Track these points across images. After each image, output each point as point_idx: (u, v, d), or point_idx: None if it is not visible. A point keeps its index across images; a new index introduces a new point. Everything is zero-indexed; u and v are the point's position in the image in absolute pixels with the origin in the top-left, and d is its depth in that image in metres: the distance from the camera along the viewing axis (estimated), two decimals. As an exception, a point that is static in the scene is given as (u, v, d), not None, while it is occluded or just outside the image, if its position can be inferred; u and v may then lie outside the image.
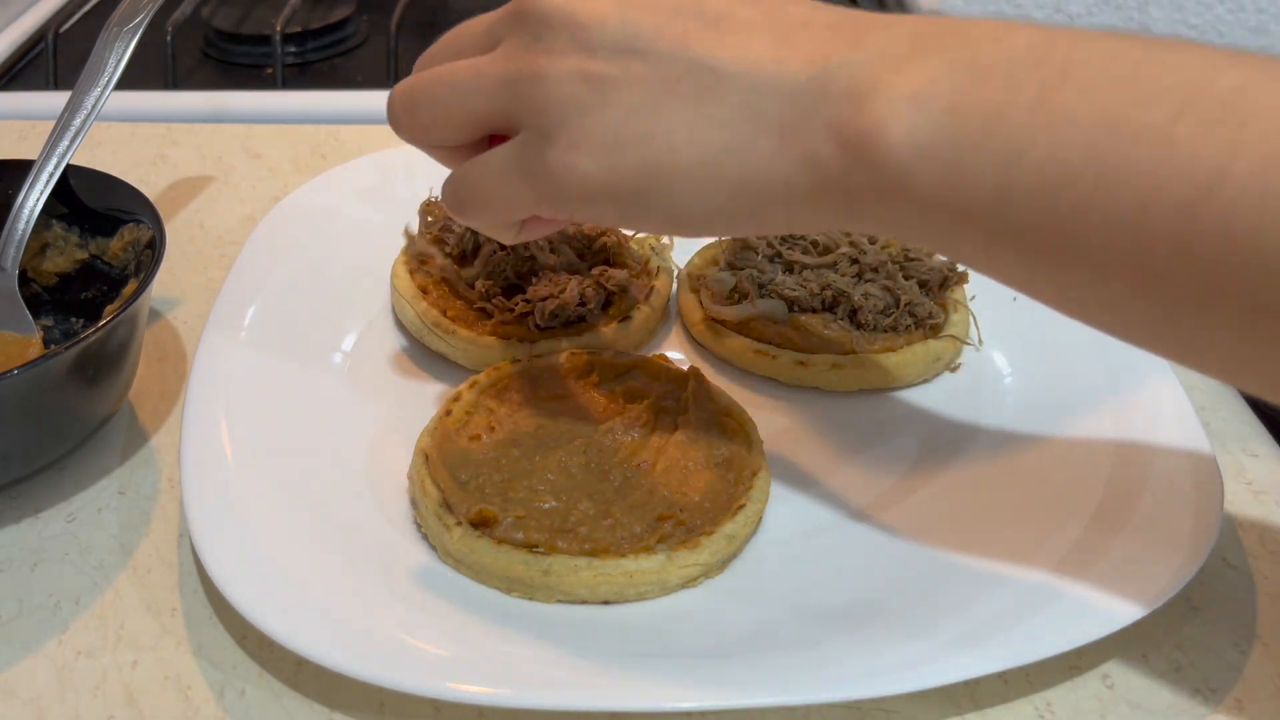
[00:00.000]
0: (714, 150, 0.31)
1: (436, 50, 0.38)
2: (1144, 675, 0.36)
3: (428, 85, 0.36)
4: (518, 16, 0.34)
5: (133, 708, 0.35)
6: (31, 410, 0.40)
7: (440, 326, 0.49)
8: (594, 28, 0.32)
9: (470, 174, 0.36)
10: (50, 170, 0.48)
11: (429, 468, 0.41)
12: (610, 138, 0.32)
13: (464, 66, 0.35)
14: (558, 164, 0.33)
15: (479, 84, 0.34)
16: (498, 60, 0.34)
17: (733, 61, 0.31)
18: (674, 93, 0.32)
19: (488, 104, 0.34)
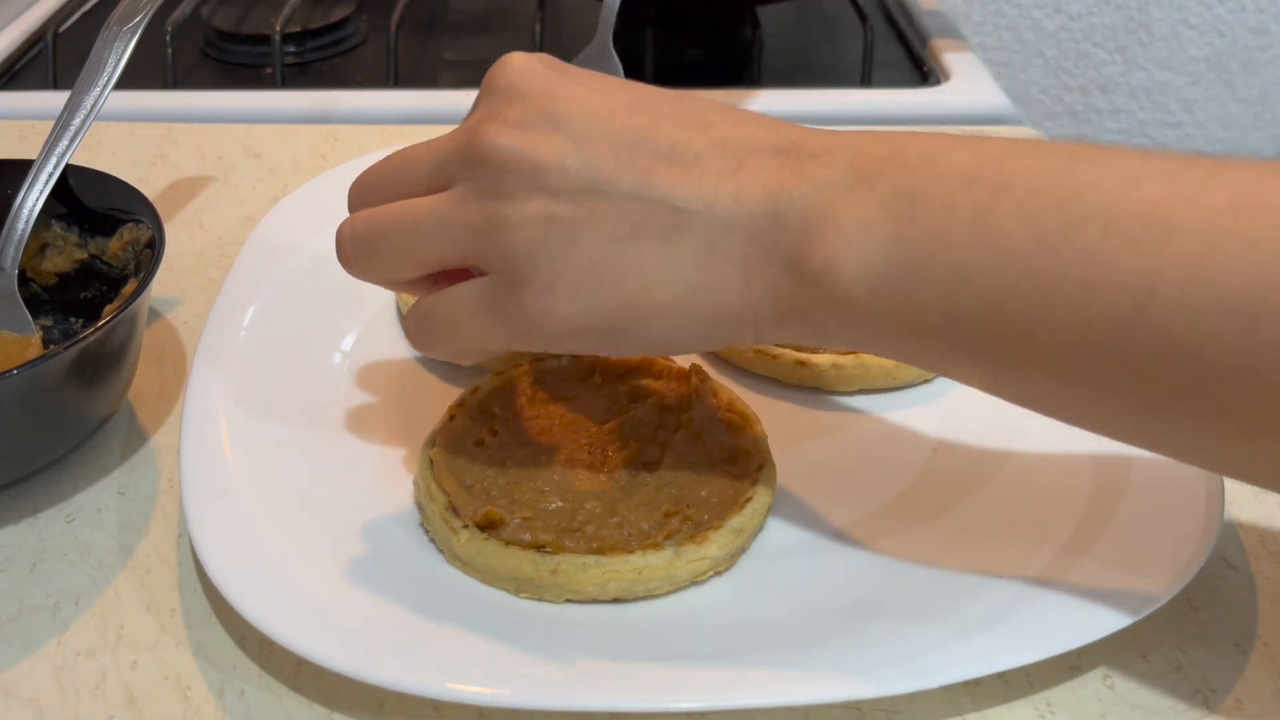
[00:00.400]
0: (686, 288, 0.33)
1: (377, 179, 0.37)
2: (1144, 675, 0.36)
3: (384, 228, 0.35)
4: (472, 160, 0.34)
5: (132, 708, 0.35)
6: (31, 410, 0.40)
7: None
8: (554, 170, 0.32)
9: (438, 311, 0.36)
10: (49, 170, 0.48)
11: (434, 472, 0.41)
12: (584, 280, 0.33)
13: (422, 209, 0.35)
14: (533, 307, 0.33)
15: (442, 230, 0.34)
16: (458, 205, 0.34)
17: (693, 199, 0.32)
18: (641, 233, 0.32)
19: (452, 248, 0.34)
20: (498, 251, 0.33)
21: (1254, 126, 1.31)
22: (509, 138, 0.33)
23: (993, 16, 1.27)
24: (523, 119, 0.33)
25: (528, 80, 0.34)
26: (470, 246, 0.34)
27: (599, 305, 0.33)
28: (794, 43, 0.88)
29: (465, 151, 0.34)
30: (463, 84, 0.80)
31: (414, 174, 0.36)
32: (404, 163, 0.36)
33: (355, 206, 0.38)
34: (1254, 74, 1.28)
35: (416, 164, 0.36)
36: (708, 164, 0.33)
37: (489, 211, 0.33)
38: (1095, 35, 1.27)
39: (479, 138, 0.33)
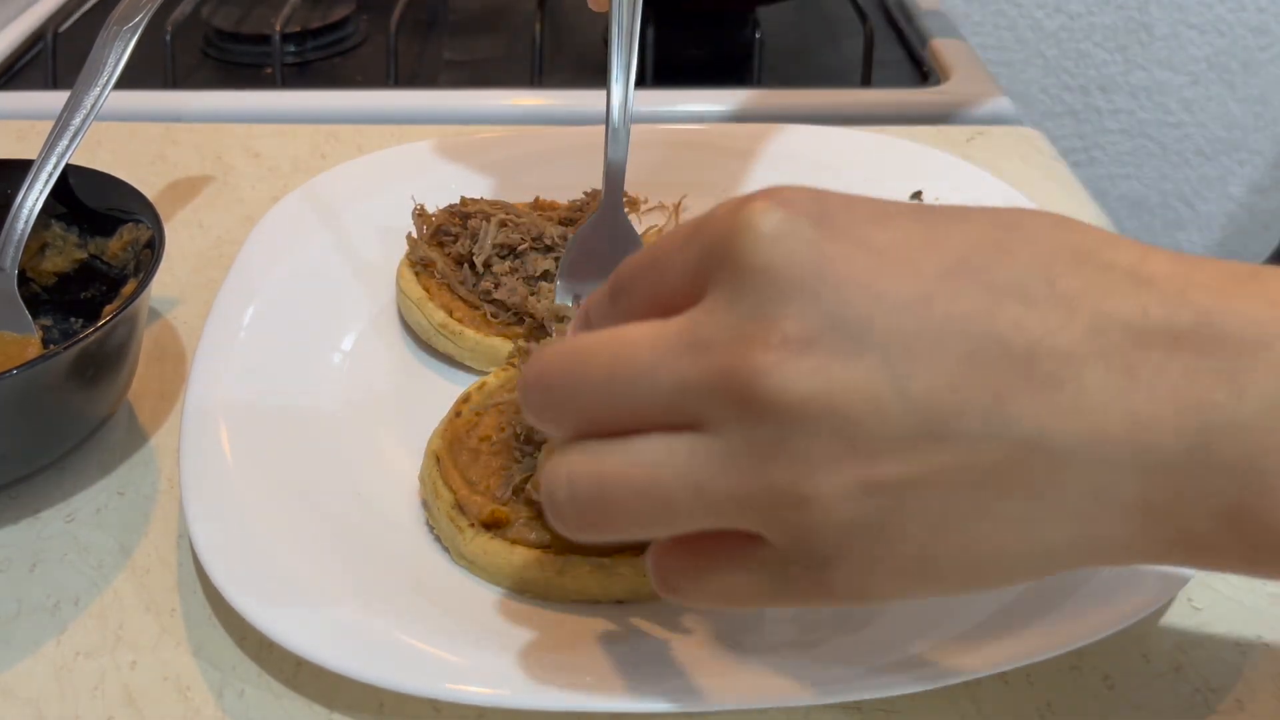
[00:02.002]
0: (1055, 548, 0.25)
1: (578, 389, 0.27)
2: (1145, 675, 0.36)
3: (620, 495, 0.26)
4: (742, 404, 0.24)
5: (132, 708, 0.35)
6: (30, 410, 0.40)
7: (447, 329, 0.49)
8: (869, 420, 0.23)
9: (703, 586, 0.27)
10: (49, 170, 0.48)
11: (440, 470, 0.41)
12: (915, 557, 0.25)
13: (675, 473, 0.25)
14: (843, 590, 0.25)
15: (704, 503, 0.25)
16: (724, 469, 0.25)
17: (1073, 435, 0.23)
18: (997, 488, 0.24)
19: (717, 521, 0.26)
20: (792, 533, 0.25)
21: (1255, 126, 1.31)
22: (796, 375, 0.23)
23: (993, 16, 1.27)
24: (807, 338, 0.24)
25: (794, 264, 0.24)
26: (744, 523, 0.25)
27: (933, 581, 0.25)
28: (794, 42, 0.88)
29: (730, 390, 0.24)
30: (463, 84, 0.80)
31: (638, 395, 0.26)
32: (620, 373, 0.26)
33: (544, 412, 0.28)
34: (1255, 73, 1.28)
35: (642, 381, 0.26)
36: (1085, 372, 0.23)
37: (775, 486, 0.24)
38: (1095, 35, 1.27)
39: (749, 374, 0.24)
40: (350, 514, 0.41)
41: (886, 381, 0.23)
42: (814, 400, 0.23)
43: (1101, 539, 0.24)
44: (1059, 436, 0.23)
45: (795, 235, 0.25)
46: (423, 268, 0.51)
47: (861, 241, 0.25)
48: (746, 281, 0.24)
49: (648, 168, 0.58)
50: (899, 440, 0.24)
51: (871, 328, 0.24)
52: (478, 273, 0.50)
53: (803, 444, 0.24)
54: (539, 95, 0.75)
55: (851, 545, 0.24)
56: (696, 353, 0.25)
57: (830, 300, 0.24)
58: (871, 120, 0.71)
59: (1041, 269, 0.24)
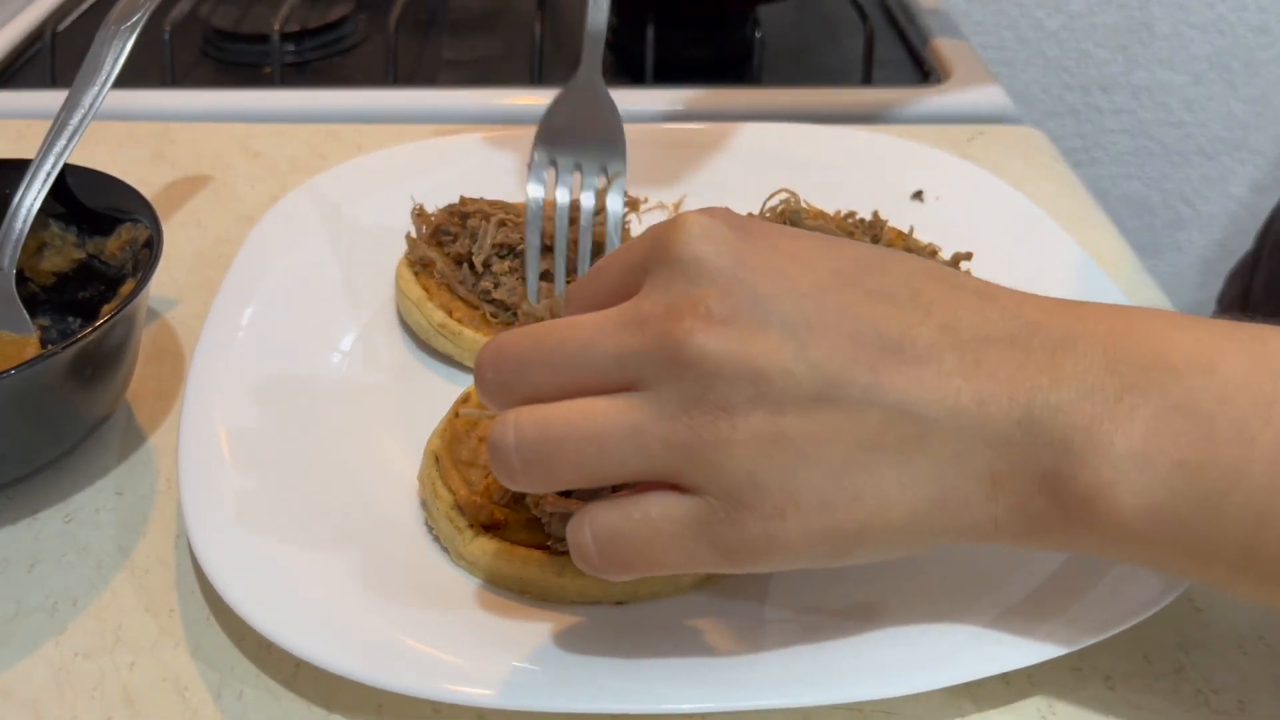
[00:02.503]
0: (925, 505, 0.29)
1: (529, 360, 0.31)
2: (1146, 676, 0.36)
3: (561, 439, 0.29)
4: (672, 362, 0.29)
5: (130, 709, 0.35)
6: (28, 410, 0.40)
7: (447, 328, 0.49)
8: (777, 378, 0.28)
9: (630, 533, 0.30)
10: (48, 169, 0.48)
11: (440, 470, 0.41)
12: (816, 500, 0.29)
13: (609, 418, 0.29)
14: (757, 534, 0.29)
15: (637, 446, 0.29)
16: (656, 417, 0.29)
17: (932, 405, 0.28)
18: (879, 446, 0.29)
19: (648, 466, 0.29)
20: (711, 473, 0.29)
21: (1256, 125, 1.31)
22: (718, 338, 0.28)
23: (994, 15, 1.27)
24: (727, 311, 0.29)
25: (718, 255, 0.29)
26: (673, 465, 0.29)
27: (831, 529, 0.29)
28: (794, 41, 0.88)
29: (662, 351, 0.29)
30: (462, 83, 0.80)
31: (583, 364, 0.30)
32: (567, 347, 0.30)
33: (496, 389, 0.31)
34: (1256, 73, 1.28)
35: (586, 352, 0.30)
36: (942, 359, 0.29)
37: (699, 428, 0.28)
38: (1096, 34, 1.27)
39: (679, 337, 0.28)
40: (349, 514, 0.41)
41: (792, 349, 0.28)
42: (732, 358, 0.28)
43: (960, 501, 0.29)
44: (922, 406, 0.29)
45: (719, 235, 0.30)
46: (422, 267, 0.51)
47: (772, 245, 0.31)
48: (677, 269, 0.29)
49: (648, 167, 0.58)
50: (801, 398, 0.28)
51: (779, 308, 0.29)
52: (477, 272, 0.50)
53: (722, 394, 0.28)
54: (539, 95, 0.74)
55: (762, 489, 0.28)
56: (634, 326, 0.29)
57: (747, 284, 0.29)
58: (872, 119, 0.71)
59: (907, 283, 0.30)
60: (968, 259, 0.51)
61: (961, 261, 0.51)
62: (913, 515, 0.29)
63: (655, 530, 0.30)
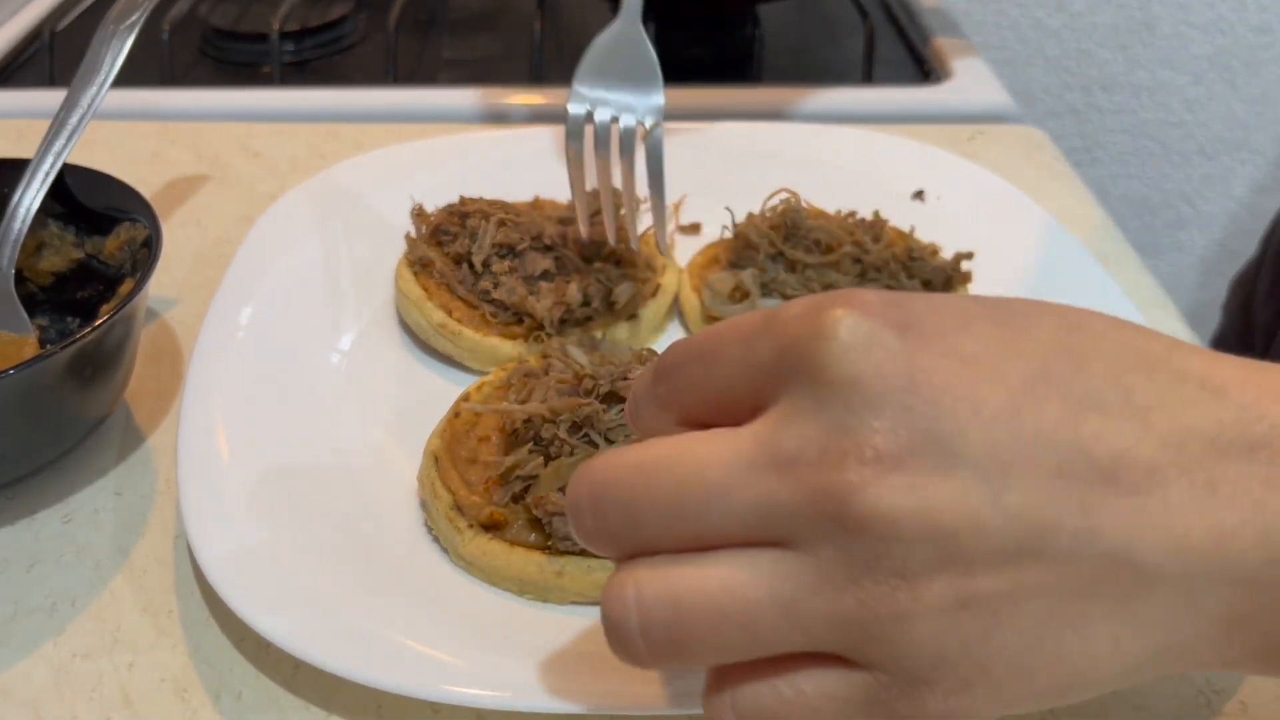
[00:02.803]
0: (1143, 658, 0.25)
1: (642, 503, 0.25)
2: (1147, 677, 0.36)
3: (697, 619, 0.25)
4: (834, 522, 0.23)
5: (129, 709, 0.35)
6: (27, 411, 0.40)
7: (446, 328, 0.49)
8: (966, 536, 0.23)
9: (786, 715, 0.25)
10: (46, 169, 0.47)
11: (439, 470, 0.41)
12: (1009, 669, 0.24)
13: (755, 593, 0.24)
14: (938, 712, 0.24)
15: (793, 622, 0.24)
16: (815, 588, 0.24)
17: (1159, 548, 0.23)
18: (1089, 599, 0.24)
19: (806, 642, 0.25)
20: (886, 650, 0.24)
21: (1256, 125, 1.31)
22: (892, 492, 0.23)
23: (994, 14, 1.26)
24: (900, 452, 0.23)
25: (885, 371, 0.24)
26: (838, 643, 0.24)
27: (1026, 695, 0.25)
28: (795, 40, 0.88)
29: (820, 508, 0.24)
30: (462, 82, 0.80)
31: (713, 515, 0.25)
32: (691, 492, 0.25)
33: (599, 538, 0.27)
34: (1256, 72, 1.27)
35: (716, 501, 0.25)
36: (1168, 487, 0.24)
37: (874, 602, 0.24)
38: (1097, 33, 1.27)
39: (843, 492, 0.23)
40: (349, 515, 0.41)
41: (983, 496, 0.23)
42: (912, 515, 0.23)
43: (1188, 648, 0.25)
44: (1147, 551, 0.24)
45: (882, 345, 0.24)
46: (421, 267, 0.51)
47: (949, 351, 0.24)
48: (831, 393, 0.24)
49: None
50: (996, 554, 0.23)
51: (965, 442, 0.23)
52: (476, 272, 0.50)
53: (899, 559, 0.23)
54: (539, 94, 0.74)
55: (948, 661, 0.24)
56: (781, 470, 0.24)
57: (923, 413, 0.24)
58: (873, 119, 0.71)
59: (1115, 379, 0.25)
60: (968, 259, 0.51)
61: (962, 261, 0.51)
62: (1126, 669, 0.25)
63: (812, 712, 0.25)
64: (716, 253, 0.54)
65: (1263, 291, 0.77)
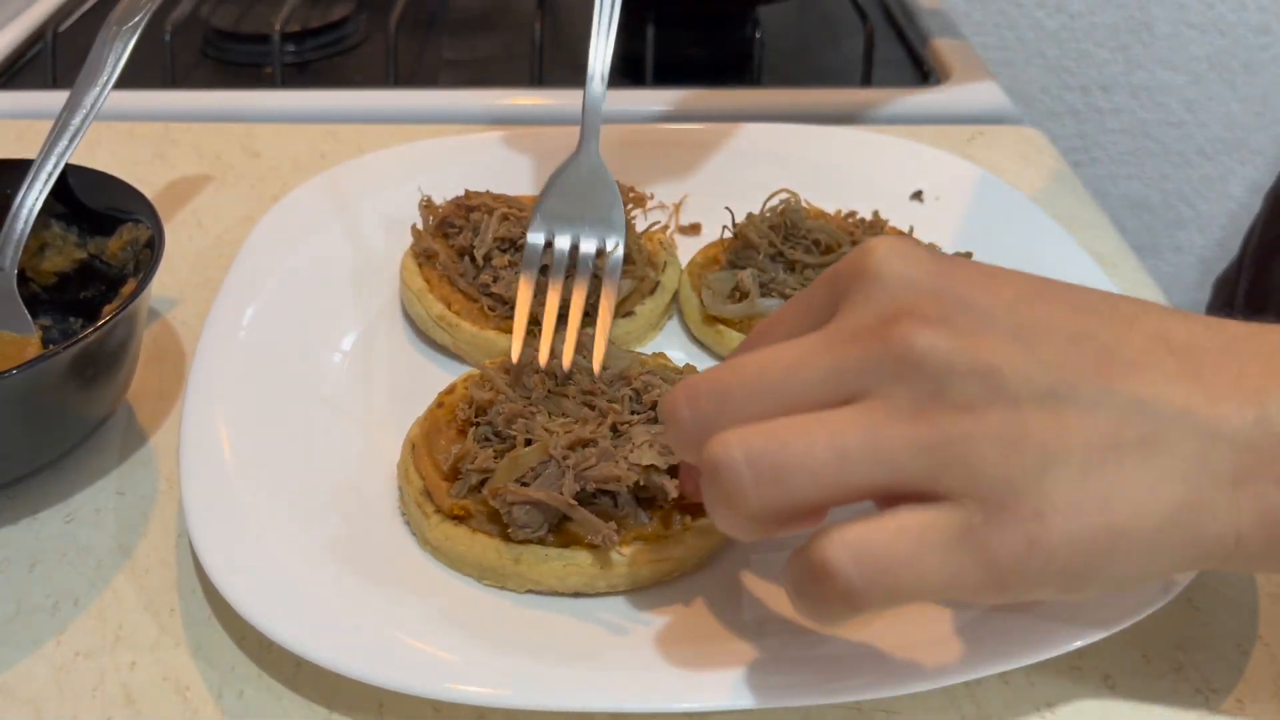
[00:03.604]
0: (1174, 509, 0.28)
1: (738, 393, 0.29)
2: (1145, 676, 0.36)
3: (798, 451, 0.28)
4: (900, 365, 0.28)
5: (131, 708, 0.35)
6: (30, 410, 0.40)
7: (445, 320, 0.49)
8: (1009, 373, 0.27)
9: (893, 550, 0.28)
10: (49, 169, 0.48)
11: (414, 457, 0.41)
12: (1070, 503, 0.27)
13: (845, 427, 0.28)
14: (1021, 540, 0.27)
15: (879, 451, 0.28)
16: (893, 421, 0.28)
17: (1164, 403, 0.28)
18: (1119, 445, 0.27)
19: (892, 474, 0.28)
20: (964, 472, 0.27)
21: (1256, 126, 1.31)
22: (944, 338, 0.28)
23: (993, 15, 1.27)
24: (941, 315, 0.28)
25: (917, 268, 0.29)
26: (921, 470, 0.28)
27: (1088, 534, 0.27)
28: (794, 42, 0.88)
29: (886, 355, 0.28)
30: (462, 83, 0.80)
31: (794, 386, 0.29)
32: (772, 372, 0.29)
33: (694, 427, 0.30)
34: (1256, 73, 1.28)
35: (796, 373, 0.29)
36: (1162, 364, 0.28)
37: (944, 425, 0.27)
38: (1096, 34, 1.27)
39: (904, 337, 0.28)
40: (351, 515, 0.41)
41: (1017, 348, 0.28)
42: (962, 354, 0.28)
43: (1205, 506, 0.28)
44: (1155, 403, 0.28)
45: (914, 254, 0.30)
46: (426, 259, 0.52)
47: (967, 266, 0.30)
48: (877, 285, 0.29)
49: (648, 167, 0.58)
50: (1036, 395, 0.27)
51: (995, 313, 0.29)
52: (478, 265, 0.50)
53: (959, 390, 0.27)
54: (539, 95, 0.75)
55: (1019, 490, 0.27)
56: (848, 340, 0.29)
57: (956, 294, 0.29)
58: (872, 120, 0.71)
59: (1102, 298, 0.30)
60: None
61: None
62: (1162, 520, 0.28)
63: (918, 542, 0.27)
64: (716, 253, 0.54)
65: (1243, 291, 0.78)
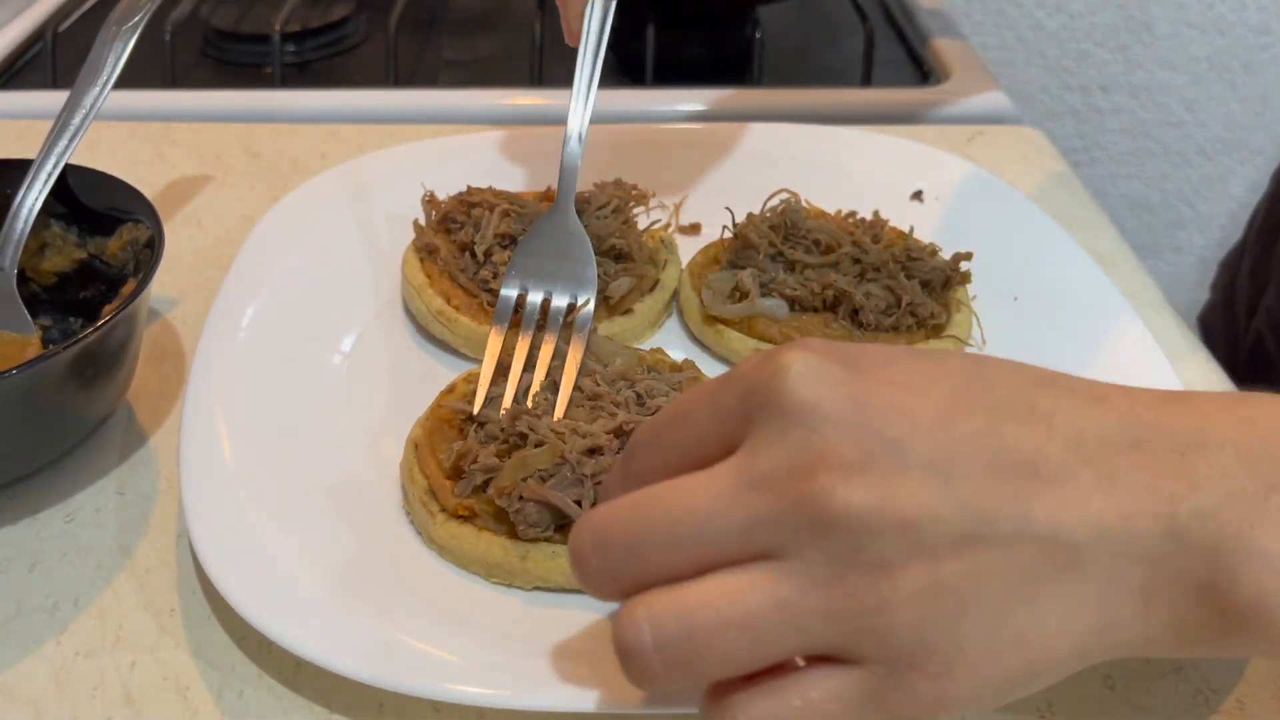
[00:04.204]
0: (1086, 633, 0.28)
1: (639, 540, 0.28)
2: (1145, 676, 0.36)
3: (706, 631, 0.27)
4: (817, 525, 0.26)
5: (131, 708, 0.35)
6: (30, 410, 0.40)
7: (444, 315, 0.49)
8: (927, 523, 0.26)
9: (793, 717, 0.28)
10: (49, 169, 0.48)
11: (418, 456, 0.41)
12: (981, 650, 0.27)
13: (755, 600, 0.27)
14: (928, 697, 0.27)
15: (791, 622, 0.27)
16: (806, 588, 0.27)
17: (1081, 528, 0.27)
18: (1036, 579, 0.27)
19: (804, 642, 0.27)
20: (875, 639, 0.27)
21: (1256, 126, 1.31)
22: (863, 492, 0.26)
23: (993, 15, 1.27)
24: (861, 459, 0.27)
25: (834, 398, 0.27)
26: (833, 638, 0.27)
27: (1001, 676, 0.27)
28: (794, 42, 0.88)
29: (800, 514, 0.27)
30: (462, 83, 0.80)
31: (705, 538, 0.28)
32: (684, 520, 0.28)
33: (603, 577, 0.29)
34: (1255, 73, 1.28)
35: (707, 525, 0.28)
36: (1078, 477, 0.27)
37: (858, 593, 0.26)
38: (1096, 34, 1.27)
39: (818, 495, 0.26)
40: (351, 514, 0.41)
41: (936, 490, 0.27)
42: (879, 510, 0.26)
43: (1119, 624, 0.28)
44: (1071, 531, 0.27)
45: (830, 375, 0.28)
46: (428, 254, 0.52)
47: (883, 377, 0.28)
48: (793, 417, 0.27)
49: (648, 167, 0.58)
50: (955, 540, 0.27)
51: (912, 446, 0.27)
52: (479, 261, 0.51)
53: (876, 552, 0.26)
54: (539, 95, 0.75)
55: (928, 645, 0.27)
56: (760, 488, 0.27)
57: (873, 425, 0.27)
58: (872, 120, 0.71)
59: (1019, 393, 0.29)
60: (967, 259, 0.52)
61: (961, 261, 0.51)
62: (1075, 646, 0.28)
63: (821, 711, 0.27)
64: (716, 253, 0.54)
65: (1245, 271, 0.79)
